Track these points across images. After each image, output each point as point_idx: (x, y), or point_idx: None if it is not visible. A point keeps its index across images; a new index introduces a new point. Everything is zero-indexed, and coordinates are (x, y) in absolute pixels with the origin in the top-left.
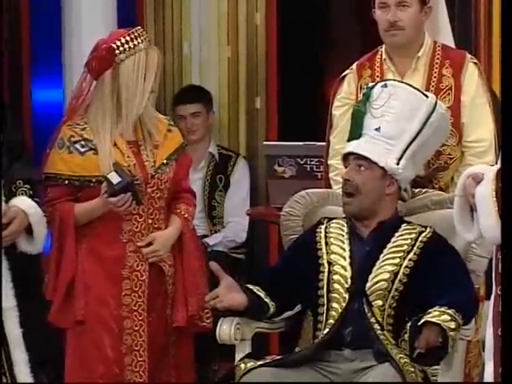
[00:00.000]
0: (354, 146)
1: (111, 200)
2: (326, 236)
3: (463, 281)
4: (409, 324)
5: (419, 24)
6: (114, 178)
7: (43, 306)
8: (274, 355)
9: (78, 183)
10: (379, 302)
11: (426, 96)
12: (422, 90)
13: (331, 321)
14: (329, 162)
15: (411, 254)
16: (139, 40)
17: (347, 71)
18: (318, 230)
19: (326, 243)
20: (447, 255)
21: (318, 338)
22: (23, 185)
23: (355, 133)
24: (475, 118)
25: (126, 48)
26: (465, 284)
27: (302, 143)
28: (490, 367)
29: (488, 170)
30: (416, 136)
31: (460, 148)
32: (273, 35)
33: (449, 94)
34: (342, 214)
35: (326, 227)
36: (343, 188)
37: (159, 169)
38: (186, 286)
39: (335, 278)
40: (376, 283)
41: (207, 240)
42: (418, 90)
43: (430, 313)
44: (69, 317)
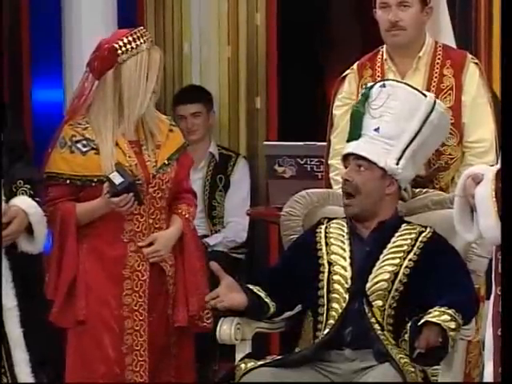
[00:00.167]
0: (354, 147)
1: (113, 200)
2: (326, 236)
3: (463, 281)
4: (409, 324)
5: (420, 24)
6: (117, 179)
7: (43, 306)
8: (274, 355)
9: (79, 183)
10: (379, 303)
11: (424, 95)
12: (420, 90)
13: (331, 321)
14: (329, 161)
15: (411, 254)
16: (142, 40)
17: (348, 71)
18: (318, 230)
19: (326, 243)
20: (447, 255)
21: (318, 338)
22: (24, 184)
23: (354, 133)
24: (476, 118)
25: (129, 48)
26: (465, 284)
27: (303, 143)
28: (490, 367)
29: (487, 171)
30: (415, 135)
31: (461, 148)
32: (273, 35)
33: (450, 94)
34: (343, 214)
35: (326, 227)
36: (343, 188)
37: (161, 169)
38: (186, 286)
39: (335, 278)
40: (376, 283)
41: (207, 240)
42: (417, 90)
43: (430, 313)
44: (70, 317)
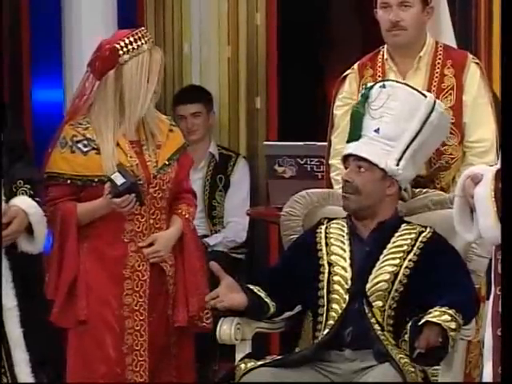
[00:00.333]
0: (354, 148)
1: (115, 201)
2: (326, 236)
3: (463, 281)
4: (409, 324)
5: (421, 24)
6: (118, 179)
7: (44, 306)
8: (274, 355)
9: (80, 183)
10: (379, 303)
11: (424, 96)
12: (420, 90)
13: (331, 321)
14: (330, 161)
15: (411, 254)
16: (143, 41)
17: (349, 71)
18: (318, 230)
19: (327, 244)
20: (447, 255)
21: (318, 338)
22: (24, 184)
23: (354, 134)
24: (477, 118)
25: (130, 49)
26: (465, 284)
27: (303, 143)
28: (489, 367)
29: (487, 171)
30: (416, 136)
31: (461, 148)
32: (273, 35)
33: (450, 93)
34: (343, 214)
35: (326, 227)
36: (343, 189)
37: (161, 169)
38: (186, 286)
39: (335, 279)
40: (376, 284)
41: (207, 240)
42: (417, 90)
43: (430, 313)
44: (71, 317)
